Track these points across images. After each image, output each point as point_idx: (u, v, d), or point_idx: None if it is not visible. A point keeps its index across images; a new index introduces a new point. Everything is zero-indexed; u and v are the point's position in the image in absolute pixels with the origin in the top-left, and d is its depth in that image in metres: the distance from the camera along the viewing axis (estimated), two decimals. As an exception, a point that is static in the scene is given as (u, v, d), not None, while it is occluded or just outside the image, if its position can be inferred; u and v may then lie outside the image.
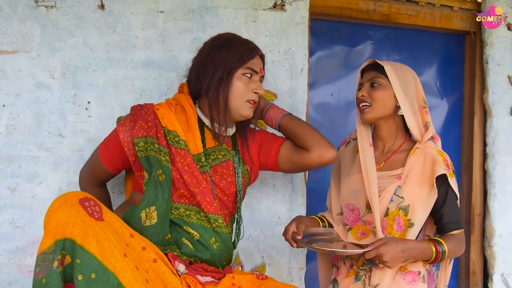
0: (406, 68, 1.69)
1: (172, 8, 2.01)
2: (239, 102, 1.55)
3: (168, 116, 1.53)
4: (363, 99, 1.65)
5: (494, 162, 2.51)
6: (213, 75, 1.53)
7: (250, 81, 1.57)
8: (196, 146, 1.55)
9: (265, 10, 2.12)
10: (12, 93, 1.85)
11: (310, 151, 1.64)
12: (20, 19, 1.86)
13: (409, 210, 1.55)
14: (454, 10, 2.53)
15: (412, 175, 1.59)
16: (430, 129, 1.64)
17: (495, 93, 2.50)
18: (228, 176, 1.59)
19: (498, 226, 2.51)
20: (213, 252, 1.52)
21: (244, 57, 1.55)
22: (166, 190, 1.46)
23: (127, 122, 1.52)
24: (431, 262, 1.54)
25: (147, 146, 1.48)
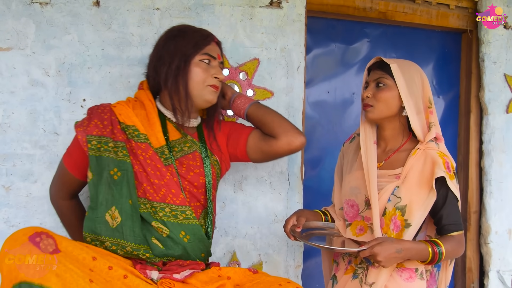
0: (414, 66, 1.67)
1: (168, 5, 2.00)
2: (200, 88, 1.55)
3: (125, 111, 1.52)
4: (367, 100, 1.64)
5: (490, 160, 2.51)
6: (170, 65, 1.53)
7: (209, 67, 1.56)
8: (157, 139, 1.53)
9: (262, 7, 2.11)
10: (7, 90, 1.84)
11: (278, 138, 1.63)
12: (14, 16, 1.84)
13: (406, 210, 1.54)
14: (451, 8, 2.53)
15: (411, 176, 1.57)
16: (432, 129, 1.63)
17: (491, 91, 2.50)
18: (195, 168, 1.57)
19: (494, 224, 2.51)
20: (185, 245, 1.49)
21: (200, 43, 1.55)
22: (124, 186, 1.44)
23: (84, 121, 1.51)
24: (428, 263, 1.53)
25: (100, 146, 1.46)
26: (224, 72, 2.06)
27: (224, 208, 2.08)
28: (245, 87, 2.09)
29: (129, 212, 1.44)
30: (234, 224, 2.09)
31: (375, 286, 1.55)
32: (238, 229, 2.10)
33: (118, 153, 1.46)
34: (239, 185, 2.10)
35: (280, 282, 1.42)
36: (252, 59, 2.10)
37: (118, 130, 1.49)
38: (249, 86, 2.10)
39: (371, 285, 1.56)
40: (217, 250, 2.07)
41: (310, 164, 2.46)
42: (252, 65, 2.10)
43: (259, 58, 2.11)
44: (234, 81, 2.08)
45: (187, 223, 1.50)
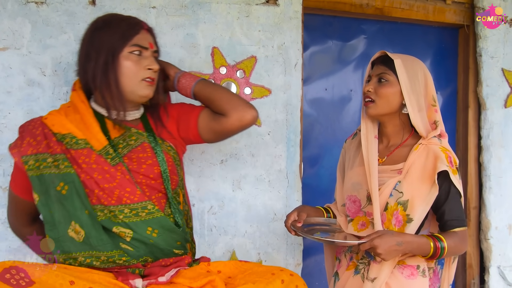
0: (418, 63, 1.64)
1: (164, 3, 1.99)
2: (133, 83, 1.44)
3: (58, 121, 1.44)
4: (368, 94, 1.62)
5: (489, 155, 2.51)
6: (97, 61, 1.42)
7: (141, 58, 1.45)
8: (98, 140, 1.43)
9: (258, 5, 2.11)
10: (3, 90, 1.82)
11: (228, 115, 1.54)
12: (10, 15, 1.83)
13: (408, 205, 1.53)
14: (447, 3, 2.53)
15: (413, 171, 1.56)
16: (439, 127, 1.62)
17: (489, 86, 2.50)
18: (147, 159, 1.48)
19: (494, 219, 2.51)
20: (155, 241, 1.42)
21: (127, 34, 1.43)
22: (75, 198, 1.37)
23: (17, 142, 1.43)
24: (430, 258, 1.52)
25: (39, 164, 1.38)
26: (221, 70, 2.05)
27: (223, 207, 2.07)
28: (242, 85, 2.08)
29: (90, 223, 1.37)
30: (233, 223, 2.09)
31: (377, 281, 1.54)
32: (237, 228, 2.09)
33: (59, 166, 1.38)
34: (238, 184, 2.09)
35: (273, 271, 1.38)
36: (249, 57, 2.09)
37: (54, 143, 1.41)
38: (246, 84, 2.09)
39: (372, 280, 1.55)
40: (216, 249, 2.06)
41: (308, 162, 2.45)
42: (250, 63, 2.09)
43: (256, 55, 2.10)
44: (231, 79, 2.07)
45: (152, 218, 1.42)
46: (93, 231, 1.36)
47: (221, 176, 2.07)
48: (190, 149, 2.02)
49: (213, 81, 2.05)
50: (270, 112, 2.12)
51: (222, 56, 2.06)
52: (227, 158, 2.08)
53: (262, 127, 2.11)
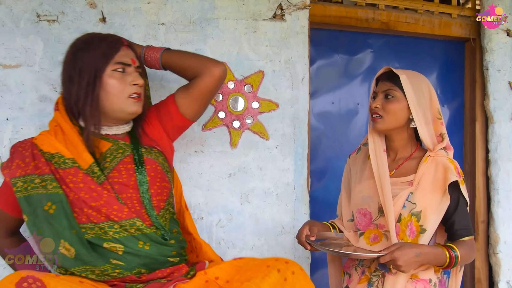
0: (422, 78, 1.69)
1: (172, 20, 2.03)
2: (121, 100, 1.45)
3: (47, 141, 1.46)
4: (376, 110, 1.65)
5: (497, 169, 2.51)
6: (80, 83, 1.43)
7: (125, 75, 1.46)
8: (84, 160, 1.44)
9: (265, 20, 2.14)
10: (16, 106, 1.86)
11: (200, 75, 1.58)
12: (23, 33, 1.88)
13: (421, 216, 1.56)
14: (453, 17, 2.55)
15: (424, 182, 1.59)
16: (445, 139, 1.66)
17: (496, 99, 2.50)
18: (134, 171, 1.49)
19: (502, 233, 2.50)
20: (148, 252, 1.42)
21: (108, 53, 1.44)
22: (63, 218, 1.37)
23: (8, 163, 1.46)
24: (445, 268, 1.54)
25: (26, 185, 1.40)
26: (229, 85, 2.08)
27: (232, 220, 2.08)
28: (250, 99, 2.11)
29: (78, 241, 1.38)
30: (242, 236, 2.10)
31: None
32: (246, 241, 2.10)
33: (47, 186, 1.39)
34: (246, 197, 2.10)
35: (268, 263, 1.37)
36: (257, 72, 2.12)
37: (43, 163, 1.42)
38: (254, 98, 2.11)
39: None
40: (224, 262, 2.07)
41: (316, 175, 2.46)
42: (257, 77, 2.12)
43: (264, 70, 2.13)
44: (239, 93, 2.10)
45: (140, 233, 1.42)
46: (82, 249, 1.37)
47: (229, 190, 2.09)
48: (199, 162, 2.04)
49: (221, 96, 2.08)
50: (277, 126, 2.14)
51: (230, 71, 2.09)
52: (235, 171, 2.10)
53: (270, 141, 2.13)
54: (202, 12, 2.06)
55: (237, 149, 2.10)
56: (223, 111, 2.09)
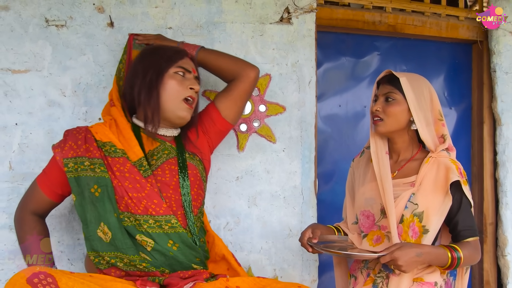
0: (423, 80, 1.71)
1: (180, 24, 2.04)
2: (176, 102, 1.57)
3: (102, 130, 1.56)
4: (377, 113, 1.68)
5: (505, 171, 2.50)
6: (144, 78, 1.56)
7: (184, 79, 1.59)
8: (135, 153, 1.55)
9: (272, 23, 2.14)
10: (25, 111, 1.88)
11: (238, 78, 1.73)
12: (32, 38, 1.89)
13: (424, 216, 1.56)
14: (460, 19, 2.54)
15: (425, 182, 1.60)
16: (447, 140, 1.67)
17: (504, 102, 2.49)
18: (177, 173, 1.58)
19: (511, 235, 2.48)
20: (175, 254, 1.49)
21: (174, 57, 1.59)
22: (106, 201, 1.46)
23: (60, 143, 1.55)
24: (447, 268, 1.54)
25: (77, 167, 1.49)
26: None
27: (239, 223, 2.09)
28: (257, 102, 2.11)
29: (117, 226, 1.46)
30: (249, 239, 2.10)
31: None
32: (253, 244, 2.10)
33: (95, 169, 1.48)
34: (254, 200, 2.11)
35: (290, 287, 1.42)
36: (264, 75, 2.12)
37: (94, 148, 1.52)
38: (261, 102, 2.12)
39: None
40: (232, 266, 2.07)
41: (323, 178, 2.46)
42: (264, 80, 2.12)
43: (271, 73, 2.13)
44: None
45: (174, 232, 1.49)
46: (119, 234, 1.45)
47: (236, 193, 2.09)
48: (206, 166, 2.05)
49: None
50: (284, 129, 2.14)
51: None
52: (243, 175, 2.10)
53: (277, 144, 2.13)
54: (209, 16, 2.07)
55: (244, 153, 2.10)
56: (231, 115, 2.09)
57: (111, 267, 1.47)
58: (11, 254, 1.85)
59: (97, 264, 1.47)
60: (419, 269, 1.59)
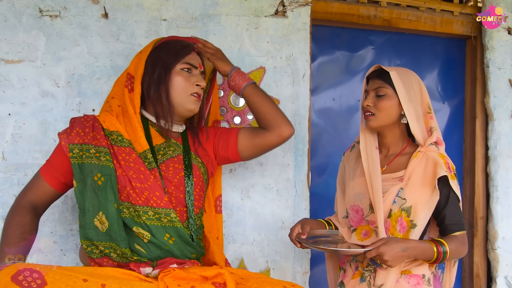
0: (412, 74, 1.71)
1: (174, 16, 2.03)
2: (183, 97, 1.58)
3: (109, 119, 1.57)
4: (368, 108, 1.68)
5: (496, 166, 2.52)
6: (153, 74, 1.58)
7: (190, 75, 1.60)
8: (140, 144, 1.55)
9: (267, 16, 2.14)
10: (18, 102, 1.87)
11: (270, 130, 1.70)
12: (25, 28, 1.88)
13: (412, 211, 1.57)
14: (455, 15, 2.55)
15: (414, 177, 1.61)
16: (434, 134, 1.67)
17: (497, 97, 2.51)
18: (181, 171, 1.59)
19: (501, 229, 2.52)
20: (170, 247, 1.50)
21: (180, 53, 1.60)
22: (109, 190, 1.46)
23: (67, 130, 1.55)
24: (433, 262, 1.56)
25: (82, 154, 1.49)
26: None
27: (232, 216, 2.10)
28: (251, 95, 2.12)
29: (115, 217, 1.46)
30: (242, 231, 2.11)
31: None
32: (246, 236, 2.12)
33: (100, 158, 1.48)
34: (247, 193, 2.12)
35: (285, 285, 1.44)
36: (258, 68, 2.13)
37: (101, 136, 1.52)
38: (255, 95, 2.12)
39: (380, 286, 1.58)
40: (225, 257, 2.09)
41: (316, 171, 2.47)
42: (258, 73, 2.13)
43: (265, 66, 2.13)
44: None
45: (172, 226, 1.51)
46: (115, 225, 1.45)
47: (230, 185, 2.10)
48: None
49: (223, 92, 2.09)
50: (278, 122, 2.15)
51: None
52: (236, 167, 2.11)
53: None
54: (204, 8, 2.06)
55: (238, 145, 2.11)
56: (224, 107, 2.10)
57: (104, 256, 1.47)
58: (4, 244, 1.86)
59: (89, 253, 1.46)
60: (407, 262, 1.60)
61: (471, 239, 2.59)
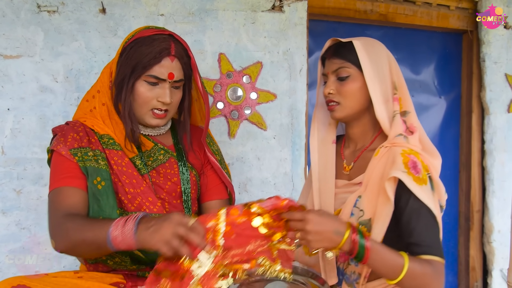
0: (378, 44, 1.40)
1: (172, 11, 2.04)
2: (143, 111, 1.42)
3: (97, 123, 1.45)
4: (331, 97, 1.36)
5: (492, 159, 2.54)
6: (118, 76, 1.41)
7: (154, 88, 1.40)
8: (129, 149, 1.44)
9: (264, 11, 2.15)
10: (17, 96, 1.89)
11: None
12: (23, 24, 1.89)
13: (372, 225, 1.23)
14: (451, 9, 2.56)
15: (372, 182, 1.27)
16: (396, 120, 1.31)
17: (493, 91, 2.52)
18: (173, 176, 1.50)
19: (497, 222, 2.53)
20: None
21: (146, 63, 1.38)
22: (110, 196, 1.35)
23: (59, 139, 1.40)
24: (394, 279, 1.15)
25: (83, 157, 1.38)
26: (227, 76, 2.10)
27: (229, 209, 2.12)
28: (248, 90, 2.13)
29: None
30: (239, 224, 2.13)
31: None
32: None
33: (99, 161, 1.39)
34: (244, 187, 2.14)
35: None
36: (255, 63, 2.14)
37: (96, 140, 1.42)
38: (252, 89, 2.14)
39: None
40: (222, 251, 2.11)
41: (313, 165, 2.49)
42: (255, 68, 2.14)
43: (262, 61, 2.15)
44: (238, 84, 2.12)
45: None
46: None
47: (228, 179, 2.12)
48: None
49: (220, 87, 2.11)
50: (275, 116, 2.17)
51: (228, 62, 2.11)
52: (234, 161, 2.13)
53: (267, 131, 2.16)
54: (201, 3, 2.07)
55: (235, 139, 2.13)
56: (222, 102, 2.11)
57: (99, 263, 1.41)
58: (4, 237, 1.87)
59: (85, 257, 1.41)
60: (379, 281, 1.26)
61: (467, 233, 2.62)
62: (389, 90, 1.33)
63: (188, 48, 1.46)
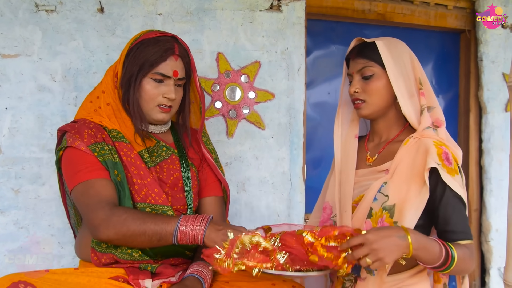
0: (400, 43, 1.48)
1: (170, 10, 2.04)
2: (149, 107, 1.51)
3: (104, 120, 1.52)
4: (357, 95, 1.44)
5: (490, 158, 2.54)
6: (125, 75, 1.49)
7: (160, 85, 1.50)
8: (138, 143, 1.52)
9: (262, 11, 2.16)
10: (15, 96, 1.89)
11: None
12: (21, 23, 1.89)
13: (395, 211, 1.29)
14: (449, 8, 2.56)
15: (400, 170, 1.33)
16: (424, 113, 1.40)
17: (490, 90, 2.53)
18: (175, 172, 1.56)
19: (494, 221, 2.54)
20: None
21: (153, 61, 1.47)
22: (125, 187, 1.42)
23: (75, 136, 1.44)
24: (437, 268, 1.23)
25: (100, 151, 1.43)
26: (225, 75, 2.10)
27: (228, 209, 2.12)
28: (246, 89, 2.13)
29: None
30: (237, 224, 2.12)
31: None
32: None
33: (113, 155, 1.45)
34: (242, 186, 2.14)
35: (274, 282, 1.43)
36: (253, 62, 2.14)
37: (106, 135, 1.48)
38: (250, 89, 2.14)
39: None
40: (221, 250, 2.11)
41: (311, 164, 2.49)
42: (254, 67, 2.14)
43: (260, 60, 2.15)
44: (236, 83, 2.12)
45: None
46: None
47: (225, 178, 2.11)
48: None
49: (218, 86, 2.11)
50: (273, 115, 2.17)
51: (226, 61, 2.11)
52: (232, 160, 2.13)
53: (266, 130, 2.16)
54: (200, 3, 2.07)
55: (233, 139, 2.13)
56: (220, 101, 2.12)
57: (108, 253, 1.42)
58: (2, 237, 1.87)
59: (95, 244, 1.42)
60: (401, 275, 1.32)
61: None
62: (413, 86, 1.42)
63: (189, 50, 1.57)
